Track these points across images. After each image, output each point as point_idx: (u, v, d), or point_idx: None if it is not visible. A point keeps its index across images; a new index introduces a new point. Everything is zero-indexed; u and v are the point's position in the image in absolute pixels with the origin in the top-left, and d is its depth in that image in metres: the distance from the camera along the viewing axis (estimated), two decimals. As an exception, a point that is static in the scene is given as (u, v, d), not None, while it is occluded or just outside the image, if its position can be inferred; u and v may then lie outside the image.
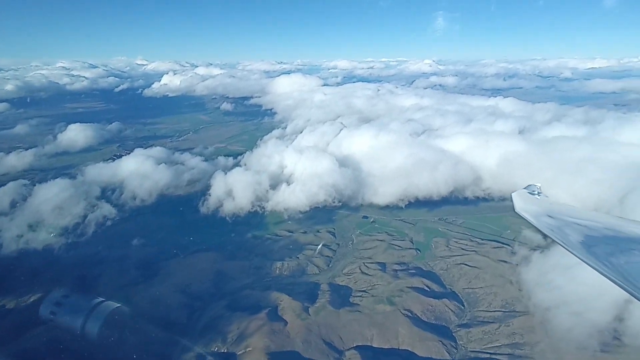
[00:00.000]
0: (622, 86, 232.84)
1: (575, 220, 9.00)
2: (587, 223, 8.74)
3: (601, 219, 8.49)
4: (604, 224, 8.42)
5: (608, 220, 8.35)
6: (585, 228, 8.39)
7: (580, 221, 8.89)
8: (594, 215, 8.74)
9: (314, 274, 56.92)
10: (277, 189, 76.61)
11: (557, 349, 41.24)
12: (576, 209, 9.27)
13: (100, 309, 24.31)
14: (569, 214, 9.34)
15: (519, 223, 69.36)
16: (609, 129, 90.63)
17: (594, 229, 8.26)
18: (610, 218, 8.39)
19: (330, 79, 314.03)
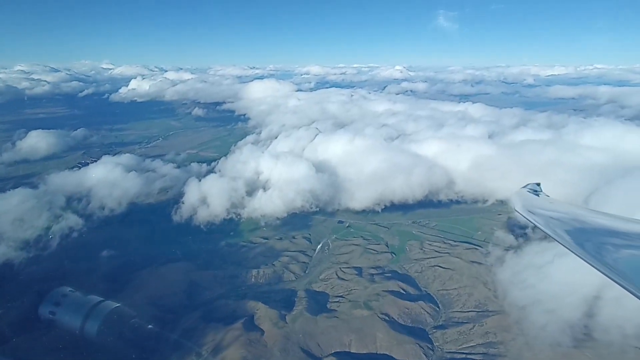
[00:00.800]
0: (580, 92, 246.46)
1: (575, 219, 8.78)
2: (588, 221, 8.54)
3: (604, 217, 8.31)
4: (607, 222, 8.24)
5: (611, 219, 8.18)
6: (586, 226, 8.20)
7: (581, 219, 8.69)
8: (596, 213, 8.56)
9: (291, 280, 56.10)
10: (253, 196, 75.22)
11: (532, 347, 42.11)
12: (577, 207, 9.08)
13: (99, 309, 23.03)
14: (569, 212, 9.14)
15: (490, 224, 72.09)
16: (572, 133, 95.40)
17: (596, 227, 8.07)
18: (612, 217, 8.21)
19: (304, 84, 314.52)
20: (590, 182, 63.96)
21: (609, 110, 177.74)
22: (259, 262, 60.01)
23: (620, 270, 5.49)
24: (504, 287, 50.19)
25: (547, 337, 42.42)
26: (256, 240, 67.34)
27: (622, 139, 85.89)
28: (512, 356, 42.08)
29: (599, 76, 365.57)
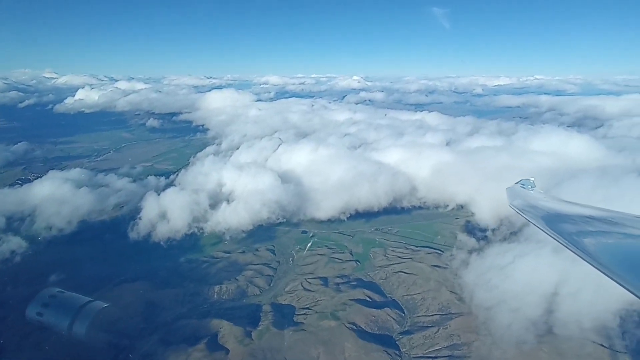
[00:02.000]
0: (524, 101, 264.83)
1: (567, 214, 8.78)
2: (579, 216, 8.55)
3: (595, 211, 8.31)
4: (598, 216, 8.25)
5: (602, 213, 8.18)
6: (578, 221, 8.18)
7: (573, 214, 8.71)
8: (587, 208, 8.55)
9: (255, 295, 54.53)
10: (216, 209, 72.38)
11: (495, 346, 43.20)
12: (569, 202, 9.06)
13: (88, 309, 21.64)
14: (561, 207, 9.17)
15: (449, 229, 74.46)
16: (522, 139, 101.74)
17: (587, 221, 8.07)
18: (604, 211, 8.19)
19: (263, 94, 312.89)
20: (540, 184, 66.61)
21: (550, 117, 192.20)
22: (221, 278, 57.86)
23: (608, 262, 5.61)
24: (470, 289, 51.47)
25: (512, 336, 43.73)
26: (218, 254, 64.94)
27: (566, 144, 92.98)
28: (475, 357, 43.01)
29: (539, 86, 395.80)
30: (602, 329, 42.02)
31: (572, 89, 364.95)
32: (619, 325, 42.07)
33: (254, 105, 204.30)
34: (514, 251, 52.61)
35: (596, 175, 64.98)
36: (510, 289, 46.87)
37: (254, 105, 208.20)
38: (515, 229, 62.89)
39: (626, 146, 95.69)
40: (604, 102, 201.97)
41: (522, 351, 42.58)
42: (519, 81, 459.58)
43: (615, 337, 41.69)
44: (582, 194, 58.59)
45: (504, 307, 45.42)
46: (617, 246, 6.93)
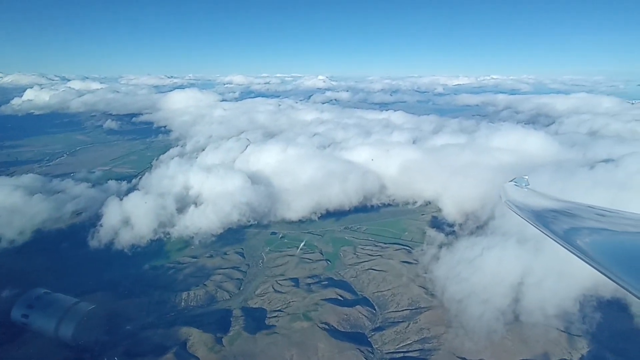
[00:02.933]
0: (482, 100, 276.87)
1: (561, 211, 8.82)
2: (573, 213, 8.62)
3: (588, 209, 8.37)
4: (591, 214, 8.33)
5: (595, 211, 8.26)
6: (571, 218, 8.23)
7: (567, 211, 8.75)
8: (581, 205, 8.64)
9: (225, 300, 53.35)
10: (184, 212, 69.66)
11: (462, 337, 44.65)
12: (562, 200, 9.14)
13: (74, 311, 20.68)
14: (555, 205, 9.23)
15: (415, 225, 76.17)
16: (483, 136, 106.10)
17: (581, 218, 8.11)
18: (597, 208, 8.27)
19: (228, 94, 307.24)
20: (503, 180, 69.37)
21: (507, 115, 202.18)
22: (189, 284, 56.13)
23: (599, 258, 5.62)
24: (441, 283, 52.66)
25: (483, 326, 45.19)
26: (185, 260, 62.84)
27: (524, 140, 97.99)
28: (445, 348, 44.14)
29: (495, 85, 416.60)
30: (564, 315, 44.37)
31: (525, 88, 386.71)
32: (579, 310, 44.58)
33: (219, 106, 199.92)
34: (481, 244, 54.45)
35: (552, 170, 68.79)
36: (480, 280, 48.50)
37: (219, 105, 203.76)
38: (480, 223, 65.43)
39: (577, 142, 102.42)
40: (555, 101, 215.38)
41: (491, 341, 44.13)
42: (477, 81, 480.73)
43: (576, 321, 44.06)
44: (542, 188, 61.57)
45: (475, 299, 46.87)
46: (610, 243, 6.93)
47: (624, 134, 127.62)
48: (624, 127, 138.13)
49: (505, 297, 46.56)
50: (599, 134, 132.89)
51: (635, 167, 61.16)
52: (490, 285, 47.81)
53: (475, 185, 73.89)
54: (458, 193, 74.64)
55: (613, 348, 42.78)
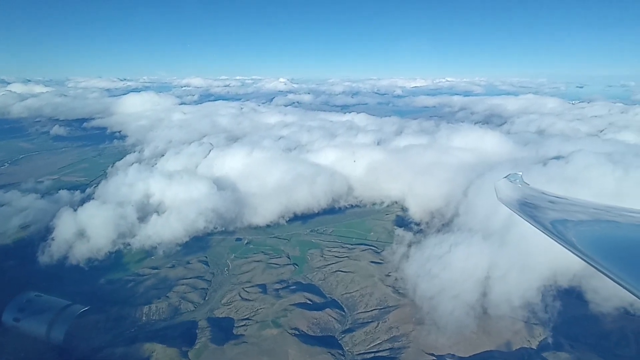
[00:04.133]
0: (439, 101, 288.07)
1: (555, 207, 8.92)
2: (567, 209, 8.72)
3: (583, 204, 8.54)
4: (586, 209, 8.46)
5: (590, 206, 8.40)
6: (565, 213, 8.32)
7: (561, 207, 8.85)
8: (576, 201, 8.80)
9: (190, 311, 51.36)
10: (145, 222, 66.05)
11: (430, 333, 45.76)
12: (557, 195, 9.27)
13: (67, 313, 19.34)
14: (549, 200, 9.32)
15: (381, 224, 77.18)
16: (444, 137, 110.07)
17: (575, 214, 8.22)
18: (592, 204, 8.42)
19: (186, 97, 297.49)
20: (465, 177, 73.74)
21: (463, 116, 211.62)
22: (150, 297, 53.41)
23: (592, 253, 5.64)
24: (412, 281, 53.56)
25: (454, 321, 46.44)
26: (145, 271, 59.82)
27: (481, 140, 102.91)
28: (414, 346, 44.91)
29: (450, 87, 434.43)
30: (528, 305, 46.64)
31: (478, 89, 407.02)
32: (541, 300, 47.06)
33: (178, 109, 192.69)
34: (449, 241, 56.12)
35: (509, 167, 72.22)
36: (450, 276, 49.90)
37: (178, 108, 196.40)
38: (446, 221, 67.60)
39: (528, 140, 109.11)
40: (506, 102, 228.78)
41: (459, 335, 45.18)
42: (433, 83, 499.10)
43: (539, 311, 46.45)
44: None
45: (446, 295, 48.14)
46: (606, 238, 7.01)
47: (567, 132, 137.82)
48: (568, 126, 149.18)
49: (473, 292, 48.25)
50: (546, 132, 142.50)
51: (583, 163, 66.11)
52: (460, 280, 49.33)
53: (439, 184, 76.43)
54: (423, 192, 76.75)
55: (567, 333, 45.24)
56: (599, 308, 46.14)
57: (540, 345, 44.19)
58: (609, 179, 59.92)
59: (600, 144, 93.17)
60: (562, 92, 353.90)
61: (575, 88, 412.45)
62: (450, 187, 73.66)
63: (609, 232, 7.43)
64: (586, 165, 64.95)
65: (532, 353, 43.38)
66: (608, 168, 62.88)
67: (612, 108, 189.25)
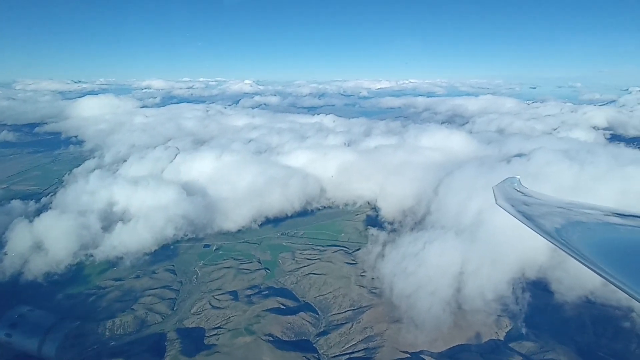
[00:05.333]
0: (404, 102, 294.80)
1: (553, 210, 8.94)
2: (565, 212, 8.76)
3: (581, 207, 8.62)
4: (583, 212, 8.54)
5: (588, 209, 8.48)
6: (563, 217, 8.32)
7: (558, 210, 8.89)
8: (574, 203, 8.87)
9: (157, 323, 49.41)
10: (110, 231, 62.33)
11: (404, 331, 46.40)
12: (555, 198, 9.32)
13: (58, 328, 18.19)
14: (547, 203, 9.35)
15: (351, 225, 77.66)
16: (412, 137, 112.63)
17: (573, 217, 8.25)
18: (590, 207, 8.50)
19: (148, 99, 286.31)
20: (434, 176, 75.69)
21: (427, 116, 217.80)
22: (114, 310, 50.80)
23: (594, 257, 5.70)
24: (389, 280, 54.07)
25: (432, 318, 47.21)
26: (107, 284, 56.94)
27: (448, 139, 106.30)
28: (388, 344, 45.34)
29: (413, 89, 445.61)
30: (500, 298, 48.27)
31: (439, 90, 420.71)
32: (512, 292, 48.86)
33: (140, 112, 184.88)
34: (422, 238, 57.20)
35: (476, 165, 75.18)
36: (425, 273, 50.81)
37: (140, 111, 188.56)
38: (418, 219, 68.87)
39: (491, 139, 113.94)
40: (467, 102, 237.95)
41: (433, 332, 45.74)
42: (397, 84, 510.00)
43: (510, 303, 48.19)
44: (469, 182, 67.10)
45: (422, 292, 48.89)
46: (604, 241, 7.03)
47: (525, 131, 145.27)
48: (525, 125, 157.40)
49: (449, 288, 49.34)
50: (505, 131, 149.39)
51: (544, 159, 69.82)
52: (435, 277, 50.32)
53: (410, 183, 77.87)
54: (395, 191, 77.89)
55: (532, 323, 47.11)
56: (564, 297, 48.66)
57: (507, 336, 45.97)
58: (567, 174, 63.66)
59: (556, 142, 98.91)
60: (517, 93, 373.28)
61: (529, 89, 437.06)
62: (421, 186, 75.20)
63: (609, 235, 7.45)
64: (546, 161, 68.68)
65: (500, 344, 45.04)
66: (566, 164, 66.83)
67: (563, 108, 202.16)
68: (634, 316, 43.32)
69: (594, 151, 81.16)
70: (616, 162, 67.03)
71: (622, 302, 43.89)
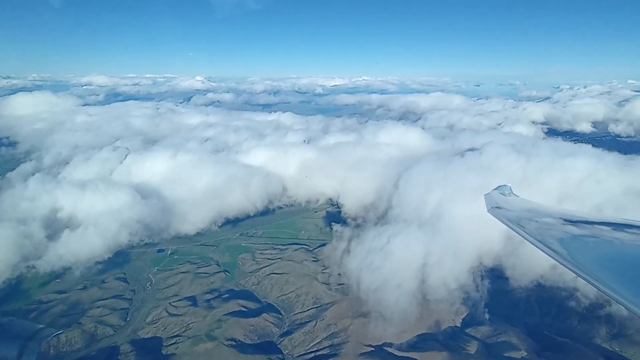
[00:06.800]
0: (359, 100, 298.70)
1: (545, 219, 9.17)
2: (557, 220, 9.02)
3: (569, 215, 8.90)
4: (575, 220, 8.82)
5: (579, 216, 8.77)
6: (555, 225, 8.57)
7: (550, 219, 9.12)
8: (567, 212, 9.18)
9: (109, 336, 46.70)
10: (55, 240, 57.17)
11: (388, 322, 46.72)
12: (547, 206, 9.58)
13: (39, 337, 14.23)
14: (539, 212, 9.54)
15: (311, 222, 77.86)
16: (371, 134, 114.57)
17: (565, 225, 8.49)
18: (581, 214, 8.81)
19: (90, 97, 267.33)
20: (394, 171, 77.64)
21: (382, 113, 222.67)
22: (59, 326, 47.39)
23: (584, 265, 5.69)
24: (355, 275, 54.60)
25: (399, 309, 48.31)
26: (50, 297, 52.78)
27: (404, 136, 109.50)
28: (353, 340, 45.81)
29: (367, 86, 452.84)
30: (462, 287, 50.46)
31: (392, 88, 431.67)
32: (472, 280, 51.30)
33: (82, 110, 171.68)
34: (386, 233, 58.39)
35: (433, 160, 78.08)
36: (392, 267, 51.83)
37: (81, 110, 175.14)
38: (380, 214, 70.27)
39: (444, 134, 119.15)
40: (418, 99, 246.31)
41: (396, 324, 46.79)
42: (351, 82, 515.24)
43: (472, 290, 50.55)
44: (427, 176, 69.62)
45: (389, 285, 49.87)
46: (599, 251, 7.15)
47: (473, 126, 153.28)
48: (473, 120, 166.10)
49: (414, 280, 50.76)
50: (455, 127, 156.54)
51: (495, 153, 74.17)
52: (400, 270, 51.58)
53: (370, 179, 79.26)
54: (356, 187, 78.89)
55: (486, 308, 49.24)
56: (517, 283, 52.02)
57: (464, 322, 48.21)
58: (516, 166, 68.18)
59: (503, 136, 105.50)
60: (463, 90, 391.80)
61: (474, 86, 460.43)
62: (382, 181, 76.82)
63: (599, 243, 7.46)
64: (497, 155, 73.05)
65: (458, 330, 47.18)
66: (514, 157, 71.56)
67: (505, 104, 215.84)
68: (578, 295, 47.15)
69: (537, 145, 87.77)
70: (557, 154, 72.82)
71: (568, 284, 47.66)
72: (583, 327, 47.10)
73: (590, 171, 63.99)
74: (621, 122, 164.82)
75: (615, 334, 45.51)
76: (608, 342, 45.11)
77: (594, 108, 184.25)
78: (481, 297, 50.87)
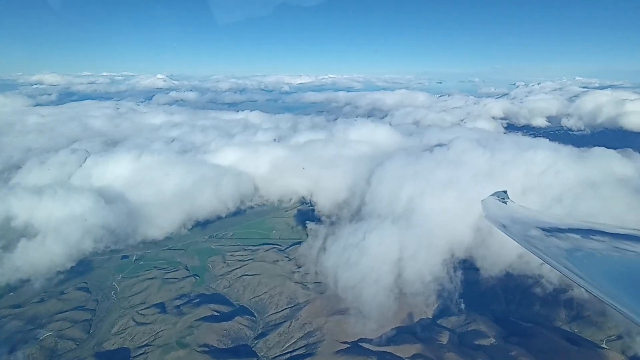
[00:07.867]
0: (326, 97, 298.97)
1: (541, 225, 9.30)
2: (554, 227, 9.18)
3: (569, 222, 9.13)
4: (573, 227, 8.98)
5: (576, 224, 8.95)
6: (552, 232, 8.72)
7: (547, 225, 9.27)
8: (563, 219, 9.42)
9: (70, 350, 44.42)
10: (11, 250, 53.19)
11: (365, 318, 47.16)
12: (543, 213, 9.80)
13: None
14: (535, 218, 9.69)
15: (281, 222, 77.44)
16: (340, 131, 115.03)
17: (562, 232, 8.67)
18: (578, 222, 9.01)
19: (41, 96, 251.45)
20: (366, 167, 78.41)
21: (349, 110, 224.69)
22: (14, 343, 44.12)
23: (585, 274, 5.71)
24: (332, 272, 54.66)
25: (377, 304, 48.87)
26: (3, 312, 49.45)
27: (374, 132, 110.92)
28: (328, 338, 46.09)
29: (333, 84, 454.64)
30: (436, 279, 51.87)
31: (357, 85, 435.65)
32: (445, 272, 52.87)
33: (33, 111, 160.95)
34: (361, 229, 58.79)
35: (403, 156, 79.57)
36: (368, 263, 52.32)
37: (33, 110, 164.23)
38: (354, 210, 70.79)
39: (411, 131, 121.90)
40: (384, 96, 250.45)
41: (372, 318, 47.36)
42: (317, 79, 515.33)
43: (446, 282, 52.07)
44: (399, 171, 70.86)
45: (367, 281, 50.32)
46: (594, 258, 7.21)
47: (438, 122, 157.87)
48: (437, 117, 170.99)
49: (390, 274, 51.57)
50: (421, 123, 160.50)
51: (461, 148, 76.72)
52: (377, 265, 52.17)
53: (342, 176, 79.61)
54: (329, 185, 78.96)
55: (455, 299, 51.13)
56: (488, 272, 54.11)
57: (435, 314, 49.72)
58: (482, 160, 70.87)
59: (467, 132, 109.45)
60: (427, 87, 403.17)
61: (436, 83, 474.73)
62: (354, 178, 77.37)
63: (598, 252, 7.50)
64: (464, 150, 75.60)
65: (430, 322, 48.56)
66: (480, 152, 74.33)
67: (467, 100, 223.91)
68: (543, 282, 49.83)
69: (500, 139, 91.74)
70: (518, 148, 76.43)
71: (534, 271, 50.22)
72: (545, 311, 49.82)
73: (549, 164, 67.75)
74: (572, 116, 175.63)
75: (574, 316, 48.48)
76: (568, 324, 48.01)
77: (547, 104, 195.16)
78: (455, 288, 52.52)
